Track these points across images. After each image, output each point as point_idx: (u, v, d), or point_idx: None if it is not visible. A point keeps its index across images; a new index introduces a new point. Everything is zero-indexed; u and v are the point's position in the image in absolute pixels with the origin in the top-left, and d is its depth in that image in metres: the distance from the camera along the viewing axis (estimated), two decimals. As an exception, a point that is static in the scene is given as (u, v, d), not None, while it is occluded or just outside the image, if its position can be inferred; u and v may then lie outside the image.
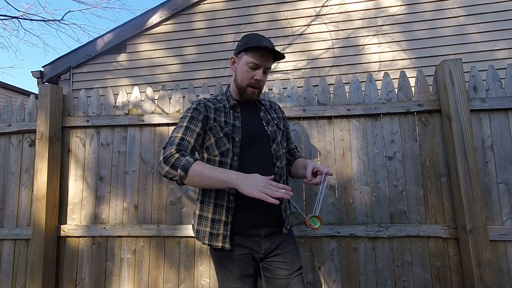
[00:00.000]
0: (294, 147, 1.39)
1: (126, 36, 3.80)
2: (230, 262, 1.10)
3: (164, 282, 1.70)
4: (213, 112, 1.15)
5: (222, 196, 1.10)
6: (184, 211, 1.74)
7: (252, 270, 1.12)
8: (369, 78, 1.73)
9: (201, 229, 1.13)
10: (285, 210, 1.19)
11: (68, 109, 1.90)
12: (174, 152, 1.00)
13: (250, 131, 1.16)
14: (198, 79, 3.61)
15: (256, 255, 1.13)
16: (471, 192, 1.47)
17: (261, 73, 1.13)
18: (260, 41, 1.11)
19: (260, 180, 0.93)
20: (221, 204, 1.10)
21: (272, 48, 1.10)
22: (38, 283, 1.68)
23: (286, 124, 1.35)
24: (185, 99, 1.84)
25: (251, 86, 1.14)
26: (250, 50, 1.11)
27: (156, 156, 1.80)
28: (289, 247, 1.17)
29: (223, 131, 1.11)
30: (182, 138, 1.05)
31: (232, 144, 1.11)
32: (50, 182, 1.76)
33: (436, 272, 1.55)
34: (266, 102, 1.32)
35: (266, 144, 1.17)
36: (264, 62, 1.12)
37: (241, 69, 1.14)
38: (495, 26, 3.23)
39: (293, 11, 3.62)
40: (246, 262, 1.11)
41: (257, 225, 1.11)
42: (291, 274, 1.12)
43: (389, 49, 3.40)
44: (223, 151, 1.11)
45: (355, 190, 1.65)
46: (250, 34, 1.17)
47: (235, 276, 1.09)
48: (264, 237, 1.12)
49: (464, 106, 1.53)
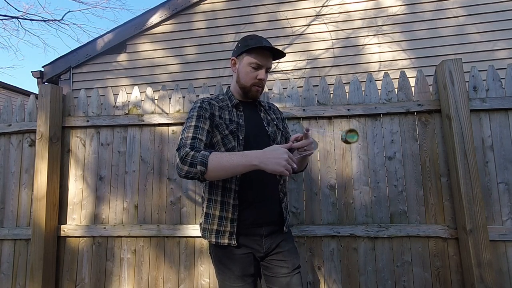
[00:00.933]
0: None
1: (126, 36, 3.79)
2: (232, 262, 1.10)
3: (164, 282, 1.70)
4: (218, 110, 1.16)
5: (228, 193, 1.11)
6: (184, 211, 1.74)
7: (253, 269, 1.12)
8: (369, 78, 1.73)
9: (208, 227, 1.13)
10: (285, 209, 1.21)
11: (68, 109, 1.90)
12: (189, 151, 0.99)
13: (252, 130, 1.17)
14: (198, 79, 3.61)
15: (257, 254, 1.13)
16: (471, 192, 1.47)
17: (263, 73, 1.16)
18: (260, 41, 1.15)
19: (282, 154, 0.91)
20: (227, 202, 1.10)
21: (273, 48, 1.13)
22: (38, 283, 1.68)
23: (284, 125, 1.37)
24: (185, 99, 1.84)
25: (255, 85, 1.17)
26: (251, 51, 1.14)
27: (156, 156, 1.80)
28: (289, 246, 1.18)
29: (229, 129, 1.13)
30: (193, 138, 1.05)
31: (237, 142, 1.12)
32: (50, 182, 1.76)
33: (436, 272, 1.55)
34: (265, 103, 1.34)
35: (267, 144, 1.17)
36: (266, 62, 1.15)
37: (244, 70, 1.16)
38: (495, 26, 3.23)
39: (293, 11, 3.62)
40: (248, 261, 1.11)
41: (258, 224, 1.12)
42: (291, 272, 1.12)
43: (389, 49, 3.40)
44: (229, 148, 1.11)
45: (355, 190, 1.65)
46: (249, 36, 1.19)
47: (236, 276, 1.09)
48: (265, 236, 1.13)
49: (464, 106, 1.53)
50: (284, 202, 1.21)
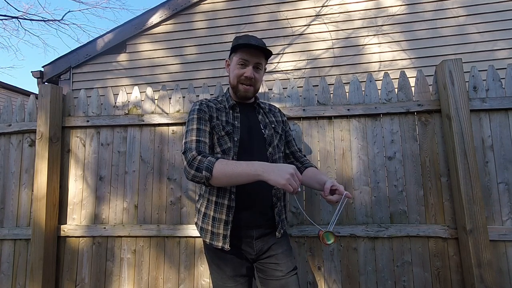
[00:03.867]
0: (297, 149, 1.37)
1: (126, 36, 3.79)
2: (223, 262, 1.11)
3: (164, 282, 1.70)
4: (215, 111, 1.18)
5: (223, 194, 1.10)
6: (184, 211, 1.74)
7: (245, 270, 1.13)
8: (369, 78, 1.73)
9: (204, 227, 1.14)
10: (278, 214, 1.18)
11: (68, 109, 1.90)
12: (196, 155, 1.01)
13: (247, 132, 1.17)
14: (198, 79, 3.61)
15: (249, 256, 1.14)
16: (471, 192, 1.47)
17: (250, 70, 1.15)
18: (247, 39, 1.15)
19: (288, 169, 0.92)
20: (222, 203, 1.10)
21: (257, 45, 1.12)
22: (38, 283, 1.68)
23: (286, 128, 1.34)
24: (185, 99, 1.84)
25: (241, 83, 1.17)
26: (238, 50, 1.15)
27: (156, 156, 1.80)
28: (282, 248, 1.16)
29: (225, 130, 1.13)
30: (198, 141, 1.07)
31: (232, 143, 1.12)
32: (50, 182, 1.76)
33: (436, 272, 1.55)
34: (266, 105, 1.33)
35: (262, 147, 1.17)
36: (252, 58, 1.14)
37: (232, 69, 1.19)
38: (495, 26, 3.23)
39: (293, 11, 3.62)
40: (239, 262, 1.12)
41: (249, 226, 1.12)
42: (285, 275, 1.12)
43: (389, 49, 3.40)
44: (225, 149, 1.12)
45: (355, 190, 1.65)
46: (239, 36, 1.21)
47: (228, 276, 1.10)
48: (256, 238, 1.13)
49: (464, 106, 1.53)
50: (278, 207, 1.17)
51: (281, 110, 1.38)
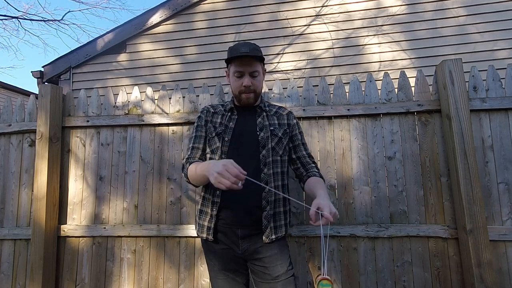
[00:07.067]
0: (305, 155, 1.29)
1: (126, 36, 3.79)
2: (213, 255, 1.18)
3: (164, 282, 1.70)
4: (211, 115, 1.27)
5: (211, 190, 1.18)
6: (184, 211, 1.74)
7: (234, 265, 1.16)
8: (369, 78, 1.73)
9: (196, 220, 1.25)
10: (267, 219, 1.13)
11: (68, 109, 1.90)
12: (185, 162, 1.19)
13: (240, 134, 1.20)
14: (198, 79, 3.61)
15: (236, 253, 1.16)
16: (471, 192, 1.47)
17: (247, 79, 1.17)
18: (237, 49, 1.14)
19: (217, 166, 0.89)
20: (208, 198, 1.19)
21: (247, 53, 1.12)
22: (38, 283, 1.68)
23: (294, 131, 1.29)
24: (185, 99, 1.84)
25: (242, 92, 1.20)
26: (231, 62, 1.18)
27: (156, 156, 1.80)
28: (271, 252, 1.13)
29: (216, 131, 1.21)
30: (192, 148, 1.23)
31: (221, 143, 1.18)
32: (50, 182, 1.76)
33: (436, 272, 1.55)
34: (271, 108, 1.30)
35: (255, 149, 1.17)
36: (246, 68, 1.16)
37: (231, 80, 1.23)
38: (495, 26, 3.23)
39: (293, 11, 3.62)
40: (227, 257, 1.16)
41: (233, 224, 1.14)
42: (274, 279, 1.10)
43: (389, 49, 3.39)
44: (213, 149, 1.20)
45: (355, 190, 1.65)
46: (231, 46, 1.21)
47: (218, 269, 1.17)
48: (242, 238, 1.14)
49: (464, 106, 1.53)
50: (267, 211, 1.13)
51: (291, 113, 1.32)
